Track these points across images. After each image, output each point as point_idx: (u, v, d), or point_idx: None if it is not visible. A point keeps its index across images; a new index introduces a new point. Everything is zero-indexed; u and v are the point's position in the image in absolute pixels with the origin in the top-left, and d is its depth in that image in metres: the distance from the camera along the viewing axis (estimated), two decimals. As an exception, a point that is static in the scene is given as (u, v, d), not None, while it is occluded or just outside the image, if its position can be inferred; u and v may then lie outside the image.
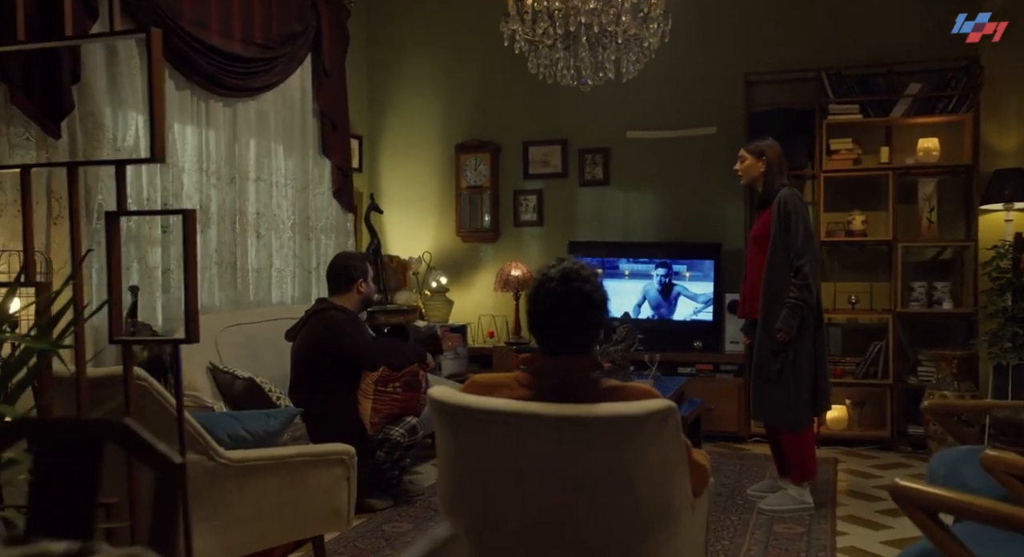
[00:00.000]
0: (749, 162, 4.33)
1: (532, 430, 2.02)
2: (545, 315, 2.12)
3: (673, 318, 6.11)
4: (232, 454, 2.71)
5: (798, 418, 4.16)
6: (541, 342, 2.16)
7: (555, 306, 2.10)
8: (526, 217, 6.63)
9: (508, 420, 2.03)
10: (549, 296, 2.11)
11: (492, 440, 2.07)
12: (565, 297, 2.10)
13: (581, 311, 2.10)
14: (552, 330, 2.12)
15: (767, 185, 4.29)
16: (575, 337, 2.13)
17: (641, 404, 2.00)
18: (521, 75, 6.21)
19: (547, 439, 2.01)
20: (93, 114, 4.01)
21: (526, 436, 2.03)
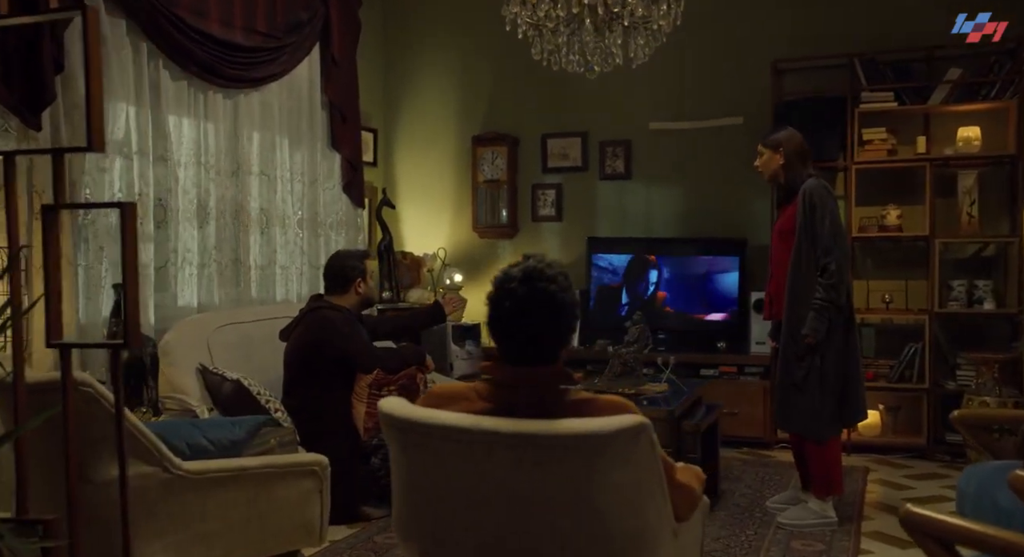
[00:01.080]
0: (767, 156, 4.05)
1: (487, 449, 1.80)
2: (505, 319, 1.89)
3: (696, 317, 5.83)
4: (190, 465, 2.53)
5: (823, 428, 3.88)
6: (502, 349, 1.94)
7: (516, 309, 1.88)
8: (544, 212, 6.39)
9: (460, 437, 1.81)
10: (509, 298, 1.88)
11: (444, 459, 1.85)
12: (527, 299, 1.87)
13: (546, 315, 1.87)
14: (513, 336, 1.90)
15: (789, 177, 4.01)
16: (539, 344, 1.90)
17: (609, 420, 1.76)
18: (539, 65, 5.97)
19: (504, 459, 1.79)
20: (79, 105, 3.85)
21: (481, 456, 1.80)
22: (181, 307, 4.53)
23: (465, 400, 1.94)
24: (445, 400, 1.97)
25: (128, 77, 4.17)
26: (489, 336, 1.97)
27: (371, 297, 4.22)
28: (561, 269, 1.94)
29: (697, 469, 2.31)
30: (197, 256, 4.64)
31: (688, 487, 2.07)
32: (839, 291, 3.81)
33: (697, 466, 2.36)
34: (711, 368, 5.62)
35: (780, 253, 4.01)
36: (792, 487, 4.30)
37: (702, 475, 2.29)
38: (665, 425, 3.79)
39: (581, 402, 1.91)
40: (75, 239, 3.89)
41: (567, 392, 1.92)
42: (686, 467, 2.27)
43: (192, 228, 4.62)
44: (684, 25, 4.05)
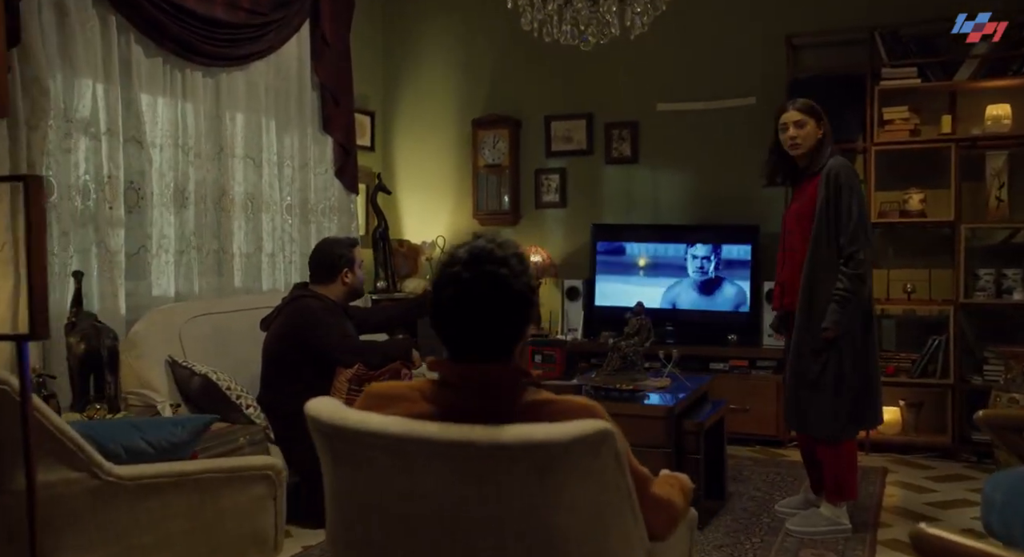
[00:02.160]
0: (810, 127, 3.64)
1: (423, 460, 1.53)
2: (448, 309, 1.62)
3: (705, 309, 5.53)
4: (123, 470, 2.28)
5: (839, 430, 3.58)
6: (446, 343, 1.66)
7: (459, 297, 1.60)
8: (548, 198, 6.11)
9: (391, 445, 1.54)
10: (452, 284, 1.61)
11: (375, 471, 1.58)
12: (472, 285, 1.60)
13: (494, 303, 1.60)
14: (457, 328, 1.63)
15: (818, 154, 3.68)
16: (488, 338, 1.62)
17: (563, 428, 1.48)
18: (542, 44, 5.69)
19: (442, 472, 1.52)
20: (38, 80, 3.62)
21: (416, 467, 1.54)
22: (156, 297, 4.29)
23: (406, 401, 1.68)
24: (385, 401, 1.71)
25: (95, 52, 3.93)
26: (432, 328, 1.69)
27: (358, 288, 3.95)
28: (516, 250, 1.67)
29: (683, 478, 2.03)
30: (174, 243, 4.40)
31: (667, 501, 1.79)
32: (864, 282, 3.52)
33: (683, 474, 2.08)
34: (721, 362, 5.33)
35: (795, 238, 3.71)
36: (804, 491, 4.00)
37: (688, 485, 2.01)
38: (664, 424, 3.52)
39: (538, 405, 1.63)
40: (35, 224, 3.64)
41: (522, 393, 1.65)
42: (669, 476, 1.99)
43: (169, 213, 4.38)
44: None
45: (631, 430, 3.51)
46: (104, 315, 3.95)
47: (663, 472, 2.07)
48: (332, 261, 3.90)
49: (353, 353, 3.62)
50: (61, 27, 3.78)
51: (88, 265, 3.93)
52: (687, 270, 5.57)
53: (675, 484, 1.94)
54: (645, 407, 3.58)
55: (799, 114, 3.65)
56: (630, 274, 5.69)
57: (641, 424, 3.54)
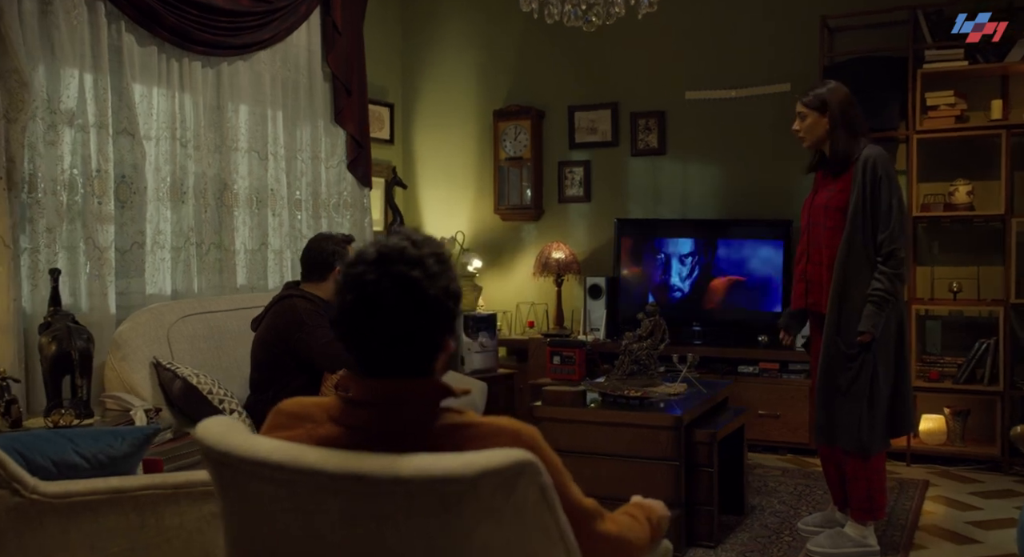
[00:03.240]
0: (811, 119, 3.40)
1: (310, 494, 1.30)
2: (350, 316, 1.39)
3: (734, 308, 5.22)
4: (49, 487, 2.09)
5: (872, 442, 3.27)
6: (354, 356, 1.43)
7: (363, 303, 1.37)
8: (572, 192, 5.84)
9: (275, 476, 1.32)
10: (355, 287, 1.38)
11: (263, 504, 1.36)
12: (378, 289, 1.36)
13: (403, 311, 1.36)
14: (362, 339, 1.39)
15: (835, 143, 3.38)
16: (398, 350, 1.39)
17: (470, 459, 1.24)
18: (566, 32, 5.46)
19: (334, 510, 1.29)
20: (17, 70, 3.47)
21: (305, 502, 1.31)
22: (151, 295, 4.14)
23: (311, 422, 1.45)
24: (292, 420, 1.48)
25: (82, 41, 3.77)
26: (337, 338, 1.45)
27: None
28: (436, 248, 1.42)
29: (654, 507, 1.77)
30: (171, 239, 4.25)
31: (618, 538, 1.53)
32: (903, 281, 3.24)
33: (656, 502, 1.82)
34: (750, 364, 5.02)
35: (823, 232, 3.40)
36: (830, 509, 3.68)
37: (660, 514, 1.75)
38: (671, 434, 3.24)
39: (456, 428, 1.39)
40: (15, 219, 3.51)
41: (441, 415, 1.41)
42: (634, 506, 1.73)
43: (165, 209, 4.23)
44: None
45: (636, 441, 3.28)
46: (93, 314, 3.82)
47: (633, 499, 1.81)
48: (324, 258, 3.68)
49: (335, 357, 3.41)
50: (43, 15, 3.63)
51: (76, 262, 3.79)
52: (715, 267, 5.27)
53: (639, 515, 1.68)
54: (650, 416, 3.31)
55: (800, 106, 3.45)
56: (656, 271, 5.40)
57: (646, 434, 3.28)
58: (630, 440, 3.29)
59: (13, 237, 3.49)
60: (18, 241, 3.55)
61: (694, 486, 3.34)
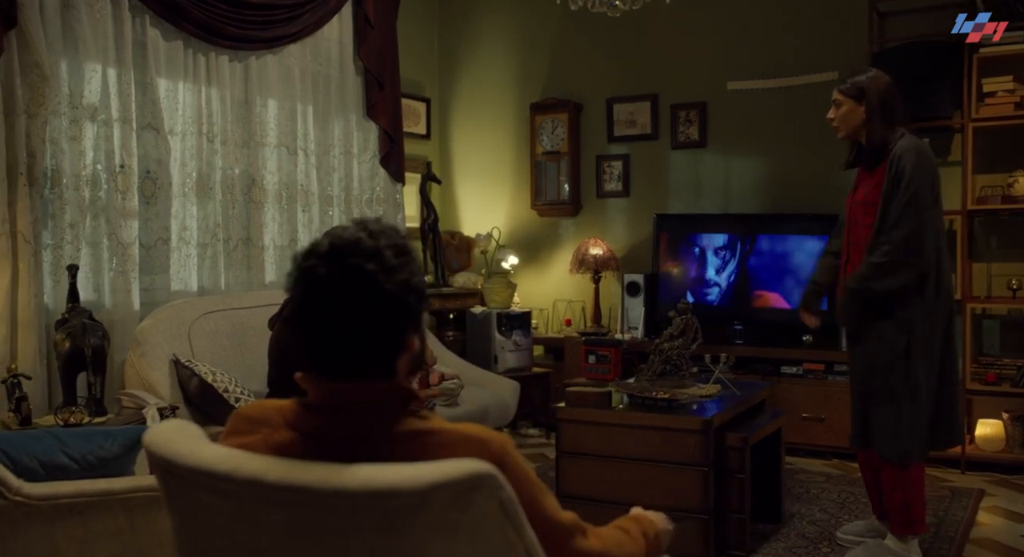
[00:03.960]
0: (847, 108, 3.19)
1: (254, 506, 1.20)
2: (302, 312, 1.27)
3: (778, 306, 5.02)
4: (34, 489, 2.03)
5: (910, 451, 3.07)
6: (307, 356, 1.32)
7: (314, 298, 1.26)
8: (610, 187, 5.69)
9: (219, 486, 1.21)
10: (306, 281, 1.27)
11: (210, 516, 1.26)
12: (330, 283, 1.24)
13: (357, 307, 1.24)
14: (314, 337, 1.28)
15: (871, 134, 3.18)
16: (353, 350, 1.27)
17: (420, 471, 1.12)
18: (604, 22, 5.31)
19: (278, 523, 1.18)
20: (39, 64, 3.45)
21: (249, 514, 1.21)
22: (176, 291, 4.10)
23: (268, 427, 1.34)
24: (250, 425, 1.37)
25: (106, 35, 3.75)
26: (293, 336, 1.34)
27: None
28: (396, 239, 1.30)
29: (652, 520, 1.63)
30: (197, 235, 4.21)
31: (604, 556, 1.40)
32: (884, 277, 3.02)
33: (657, 514, 1.68)
34: (794, 365, 4.81)
35: (862, 231, 3.20)
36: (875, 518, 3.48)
37: (658, 528, 1.61)
38: (699, 438, 3.08)
39: (418, 435, 1.27)
40: (36, 215, 3.49)
41: (402, 421, 1.29)
42: (628, 520, 1.59)
43: (191, 204, 4.19)
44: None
45: (663, 445, 3.13)
46: (117, 311, 3.80)
47: (633, 510, 1.68)
48: None
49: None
50: (65, 9, 3.61)
51: (100, 258, 3.77)
52: (758, 263, 5.07)
53: (632, 529, 1.54)
54: (678, 418, 3.15)
55: (836, 93, 3.24)
56: (696, 267, 5.22)
57: (674, 438, 3.12)
58: (657, 444, 3.14)
59: (34, 233, 3.48)
60: (40, 237, 3.54)
61: (725, 493, 3.17)
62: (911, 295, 3.04)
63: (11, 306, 3.40)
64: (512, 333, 5.18)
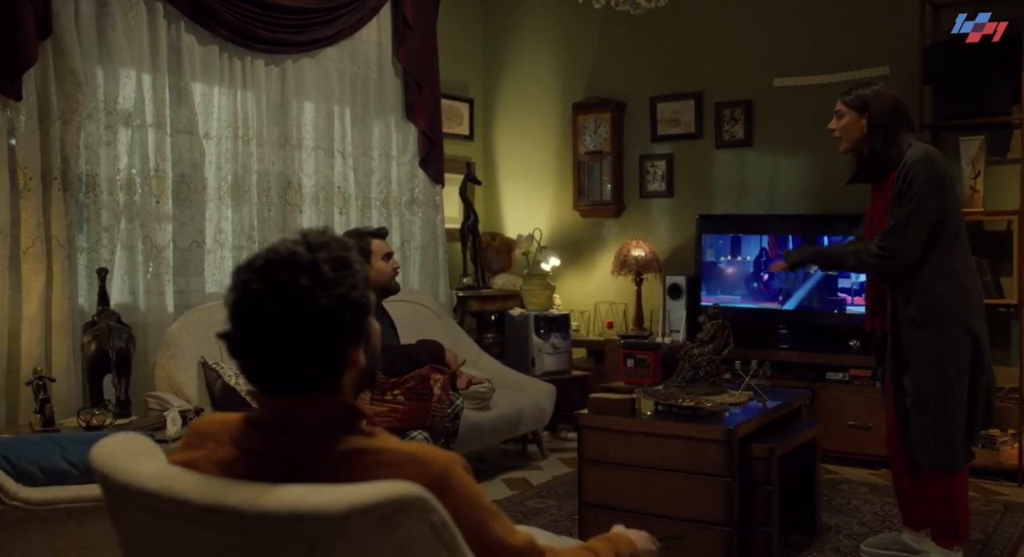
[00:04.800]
0: (848, 119, 3.10)
1: (183, 525, 1.17)
2: (235, 328, 1.24)
3: (823, 310, 4.86)
4: (32, 494, 2.06)
5: (956, 454, 2.95)
6: (244, 373, 1.29)
7: (245, 315, 1.23)
8: (654, 187, 5.58)
9: (151, 504, 1.19)
10: (239, 297, 1.24)
11: (145, 533, 1.24)
12: (261, 300, 1.21)
13: (290, 324, 1.20)
14: (248, 353, 1.25)
15: (871, 146, 3.06)
16: (292, 366, 1.23)
17: (341, 493, 1.08)
18: (646, 20, 5.22)
19: (203, 542, 1.16)
20: (73, 71, 3.52)
21: (179, 535, 1.18)
22: (211, 294, 4.15)
23: (214, 442, 1.32)
24: (200, 439, 1.35)
25: (140, 41, 3.81)
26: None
27: (380, 281, 3.54)
28: (337, 251, 1.26)
29: (632, 539, 1.57)
30: (231, 237, 4.26)
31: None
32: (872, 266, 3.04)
33: (640, 533, 1.61)
34: (839, 371, 4.65)
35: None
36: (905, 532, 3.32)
37: (633, 549, 1.55)
38: (722, 448, 2.99)
39: (358, 453, 1.23)
40: (70, 219, 3.56)
41: (344, 438, 1.25)
42: (601, 540, 1.53)
43: (226, 207, 4.24)
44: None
45: (686, 454, 3.04)
46: (151, 313, 3.86)
47: (614, 529, 1.62)
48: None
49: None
50: (100, 17, 3.68)
51: (134, 261, 3.84)
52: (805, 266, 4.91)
53: (603, 550, 1.48)
54: (700, 427, 3.06)
55: (839, 103, 3.15)
56: (740, 270, 5.09)
57: (696, 447, 3.03)
58: (679, 453, 3.06)
59: (68, 237, 3.55)
60: (75, 241, 3.61)
61: (750, 504, 3.07)
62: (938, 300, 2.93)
63: (45, 308, 3.48)
64: (550, 336, 5.13)
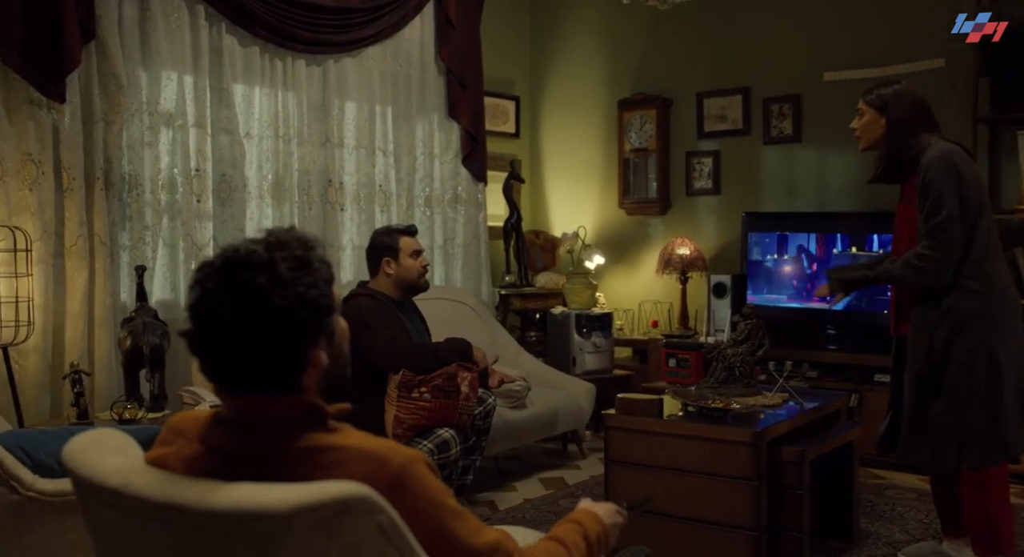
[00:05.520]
0: (868, 118, 3.05)
1: (141, 522, 1.19)
2: (195, 327, 1.25)
3: (873, 310, 4.71)
4: (47, 485, 2.11)
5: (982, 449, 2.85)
6: (205, 372, 1.30)
7: (202, 314, 1.23)
8: (700, 184, 5.50)
9: (113, 501, 1.21)
10: (196, 296, 1.25)
11: (108, 530, 1.26)
12: (216, 300, 1.22)
13: (246, 324, 1.20)
14: (206, 352, 1.25)
15: (889, 144, 2.98)
16: (249, 366, 1.23)
17: (287, 492, 1.08)
18: (694, 14, 5.16)
19: (163, 542, 1.17)
20: (116, 74, 3.62)
21: (138, 531, 1.20)
22: (252, 290, 4.21)
23: (183, 439, 1.33)
24: (172, 435, 1.37)
25: (182, 43, 3.90)
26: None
27: (408, 279, 3.54)
28: (299, 250, 1.27)
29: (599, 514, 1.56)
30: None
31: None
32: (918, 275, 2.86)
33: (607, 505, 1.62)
34: (888, 373, 4.49)
35: (906, 246, 3.02)
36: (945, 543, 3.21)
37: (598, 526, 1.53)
38: (750, 450, 2.92)
39: (316, 451, 1.23)
40: (112, 218, 3.66)
41: (305, 436, 1.25)
42: (567, 526, 1.49)
43: (267, 205, 4.31)
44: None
45: (713, 457, 2.98)
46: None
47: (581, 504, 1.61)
48: (375, 252, 3.56)
49: (397, 357, 3.32)
50: (142, 21, 3.77)
51: (175, 259, 3.92)
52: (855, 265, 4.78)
53: (570, 537, 1.45)
54: (727, 429, 2.99)
55: (860, 102, 3.10)
56: (786, 269, 4.98)
57: (724, 450, 2.97)
58: (706, 455, 3.00)
59: (110, 235, 3.65)
60: (117, 239, 3.71)
61: (780, 509, 2.99)
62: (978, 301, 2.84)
63: (88, 304, 3.58)
64: (591, 334, 5.09)
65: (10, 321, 3.15)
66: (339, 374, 1.37)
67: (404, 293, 3.55)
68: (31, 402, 3.35)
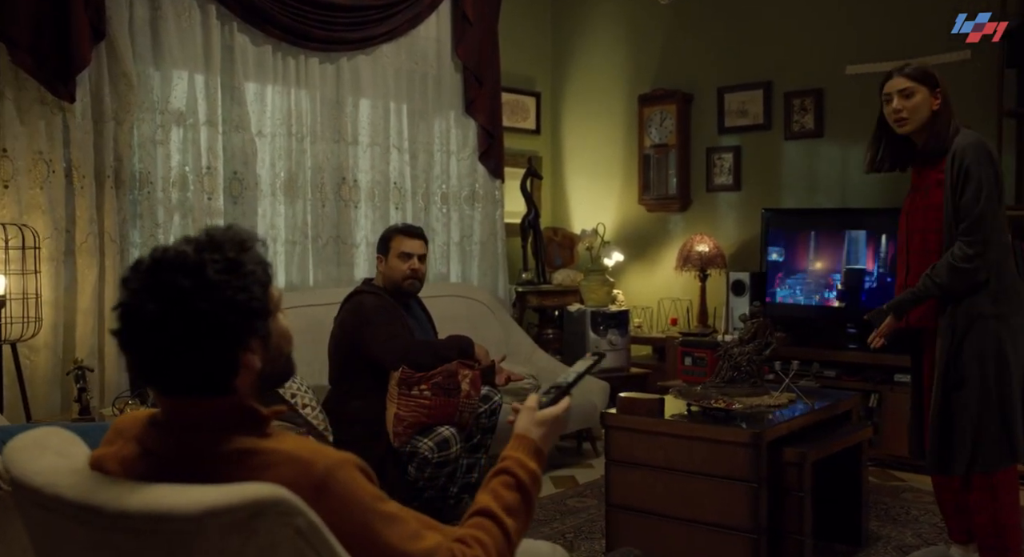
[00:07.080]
0: (920, 97, 2.82)
1: (63, 523, 1.19)
2: (120, 328, 1.25)
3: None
4: (33, 478, 2.13)
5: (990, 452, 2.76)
6: (132, 373, 1.30)
7: (124, 315, 1.23)
8: (720, 180, 5.42)
9: (38, 501, 1.21)
10: (121, 297, 1.25)
11: (36, 529, 1.27)
12: (137, 301, 1.21)
13: (167, 327, 1.19)
14: (136, 355, 1.25)
15: (937, 130, 2.83)
16: (174, 368, 1.23)
17: (198, 494, 1.07)
18: (714, 8, 5.09)
19: (85, 544, 1.18)
20: (126, 74, 3.66)
21: (61, 532, 1.21)
22: (264, 287, 4.24)
23: (122, 439, 1.34)
24: (115, 434, 1.38)
25: (194, 42, 3.93)
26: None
27: (393, 278, 3.48)
28: (232, 252, 1.24)
29: (528, 428, 1.55)
30: (284, 233, 4.35)
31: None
32: (963, 279, 2.72)
33: (530, 407, 1.61)
34: (908, 373, 4.39)
35: (917, 239, 2.92)
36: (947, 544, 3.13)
37: (535, 446, 1.50)
38: (749, 451, 2.87)
39: (246, 454, 1.22)
40: (123, 215, 3.71)
41: (234, 439, 1.24)
42: (502, 470, 1.45)
43: (279, 203, 4.33)
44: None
45: (712, 457, 2.94)
46: (204, 306, 3.97)
47: (516, 427, 1.58)
48: (379, 245, 3.58)
49: (397, 354, 3.31)
50: (153, 20, 3.81)
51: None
52: (877, 263, 4.68)
53: (504, 495, 1.41)
54: (727, 430, 2.94)
55: (906, 80, 2.84)
56: (807, 266, 4.89)
57: (723, 451, 2.92)
58: (706, 456, 2.95)
59: (121, 233, 3.69)
60: (128, 236, 3.76)
61: (781, 511, 2.94)
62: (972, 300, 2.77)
63: (98, 301, 3.63)
64: (607, 332, 5.04)
65: (19, 317, 3.20)
66: (278, 376, 1.35)
67: (395, 291, 3.52)
68: (42, 397, 3.41)
